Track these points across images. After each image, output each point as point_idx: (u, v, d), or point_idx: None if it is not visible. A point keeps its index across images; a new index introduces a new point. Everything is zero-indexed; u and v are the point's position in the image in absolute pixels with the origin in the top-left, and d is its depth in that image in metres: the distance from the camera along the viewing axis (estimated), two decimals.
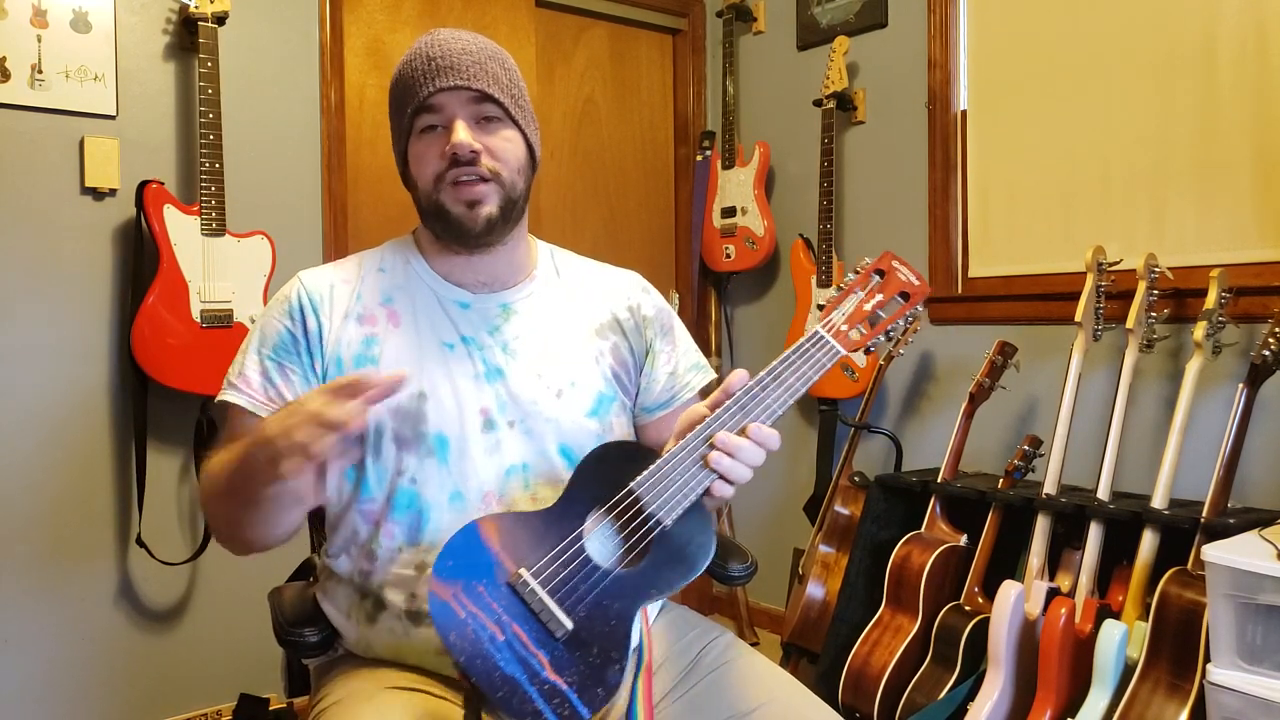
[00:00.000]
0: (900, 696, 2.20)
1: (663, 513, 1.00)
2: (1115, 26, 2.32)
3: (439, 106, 1.13)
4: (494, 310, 1.22)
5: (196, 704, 2.43)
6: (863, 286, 1.12)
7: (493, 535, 0.99)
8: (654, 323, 1.31)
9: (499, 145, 1.15)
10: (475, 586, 0.96)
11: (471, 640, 0.92)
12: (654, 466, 1.02)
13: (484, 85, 1.13)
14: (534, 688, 0.90)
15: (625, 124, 3.31)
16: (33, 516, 2.22)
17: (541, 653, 0.93)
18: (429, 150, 1.14)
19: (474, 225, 1.14)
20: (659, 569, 1.00)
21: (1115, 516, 2.03)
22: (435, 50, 1.14)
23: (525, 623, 0.95)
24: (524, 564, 0.98)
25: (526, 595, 0.96)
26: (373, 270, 1.23)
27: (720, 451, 1.01)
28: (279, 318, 1.18)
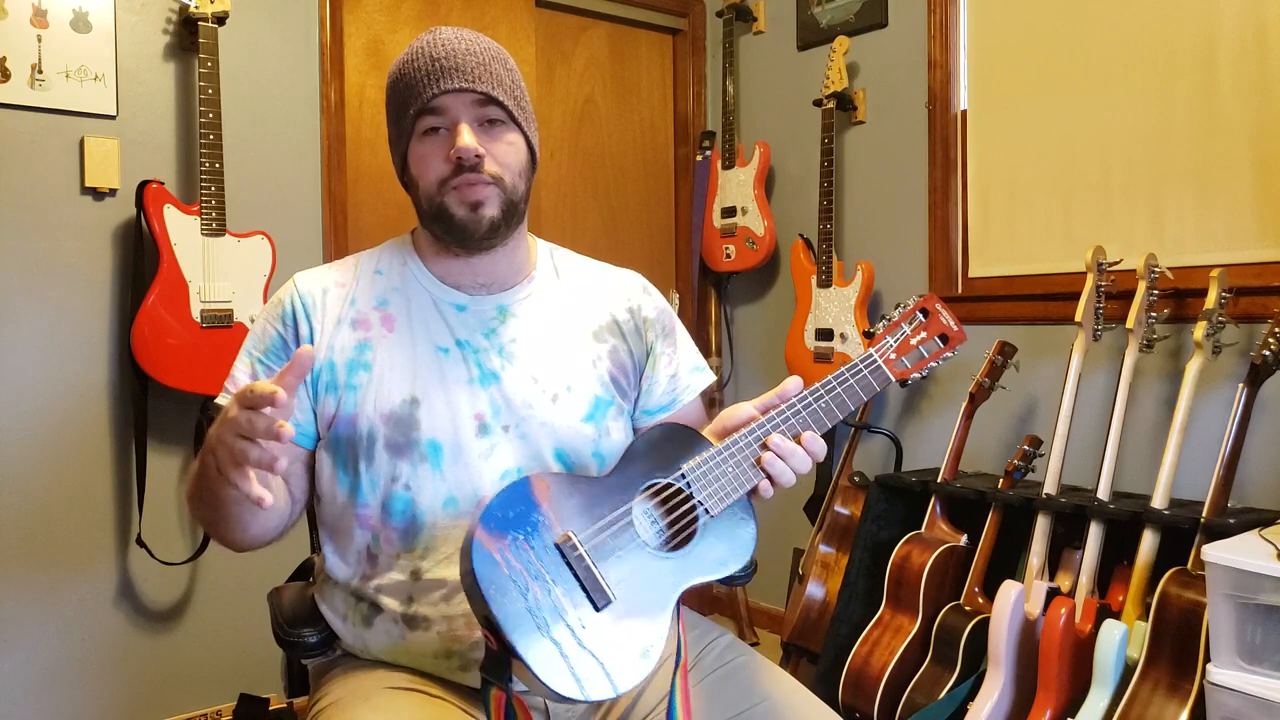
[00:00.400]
0: (900, 696, 2.20)
1: (710, 503, 1.03)
2: (1115, 27, 2.32)
3: (443, 109, 1.12)
4: (490, 313, 1.20)
5: (196, 704, 2.43)
6: (908, 322, 1.19)
7: (544, 493, 0.97)
8: (655, 324, 1.30)
9: (502, 149, 1.14)
10: (522, 542, 0.94)
11: (512, 597, 0.90)
12: (707, 455, 1.04)
13: (488, 88, 1.12)
14: (569, 657, 0.89)
15: (625, 124, 3.31)
16: (33, 516, 2.22)
17: (579, 619, 0.92)
18: (432, 153, 1.13)
19: (477, 228, 1.14)
20: (703, 556, 1.01)
21: (1115, 516, 2.03)
22: (439, 50, 1.12)
23: (567, 586, 0.93)
24: (573, 528, 0.97)
25: (573, 560, 0.95)
26: (369, 272, 1.22)
27: (774, 454, 1.05)
28: (272, 321, 1.18)
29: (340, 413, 1.14)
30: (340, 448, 1.15)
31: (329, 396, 1.15)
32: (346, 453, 1.14)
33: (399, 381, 1.14)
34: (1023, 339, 2.40)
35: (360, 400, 1.14)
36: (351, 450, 1.14)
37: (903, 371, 1.16)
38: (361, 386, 1.14)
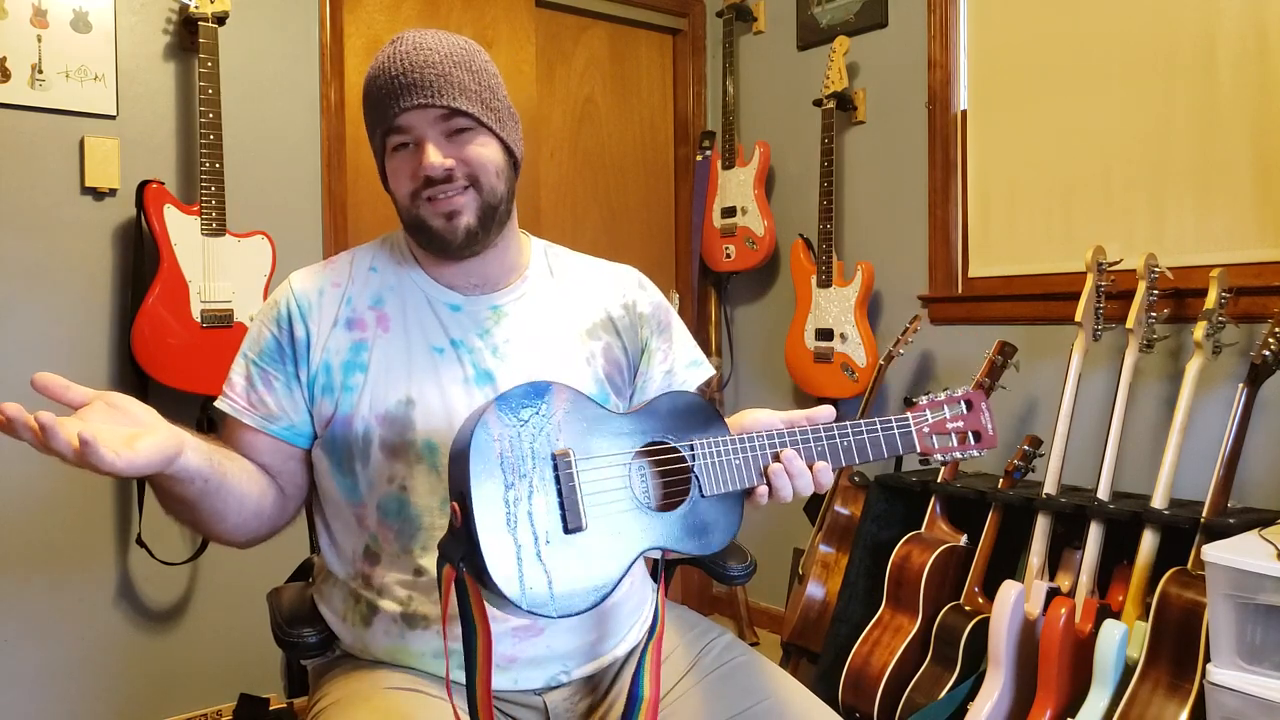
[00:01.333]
0: (900, 696, 2.20)
1: (706, 483, 1.03)
2: (1115, 27, 2.32)
3: (407, 127, 1.11)
4: (484, 312, 1.20)
5: (196, 704, 2.43)
6: (950, 406, 1.20)
7: (560, 402, 0.99)
8: (650, 320, 1.30)
9: (473, 154, 1.13)
10: (524, 431, 0.95)
11: (494, 483, 0.92)
12: (721, 440, 1.05)
13: (449, 99, 1.10)
14: (523, 560, 0.90)
15: (625, 124, 3.31)
16: (33, 516, 2.22)
17: (545, 532, 0.93)
18: (402, 168, 1.14)
19: (454, 237, 1.14)
20: (678, 527, 1.01)
21: (1115, 516, 2.03)
22: (397, 65, 1.10)
23: (547, 494, 0.95)
24: (576, 447, 0.98)
25: (563, 475, 0.96)
26: (364, 270, 1.22)
27: (783, 467, 1.05)
28: (267, 324, 1.18)
29: (336, 414, 1.14)
30: (337, 448, 1.15)
31: (325, 399, 1.15)
32: (343, 453, 1.14)
33: (394, 382, 1.14)
34: (1023, 339, 2.40)
35: (356, 401, 1.14)
36: (348, 451, 1.14)
37: (928, 448, 1.17)
38: (357, 388, 1.14)
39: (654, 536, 0.99)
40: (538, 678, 1.14)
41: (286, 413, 1.15)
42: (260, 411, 1.15)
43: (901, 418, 1.15)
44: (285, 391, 1.16)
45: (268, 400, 1.15)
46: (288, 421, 1.16)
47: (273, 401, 1.15)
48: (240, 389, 1.17)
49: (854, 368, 2.76)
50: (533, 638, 1.12)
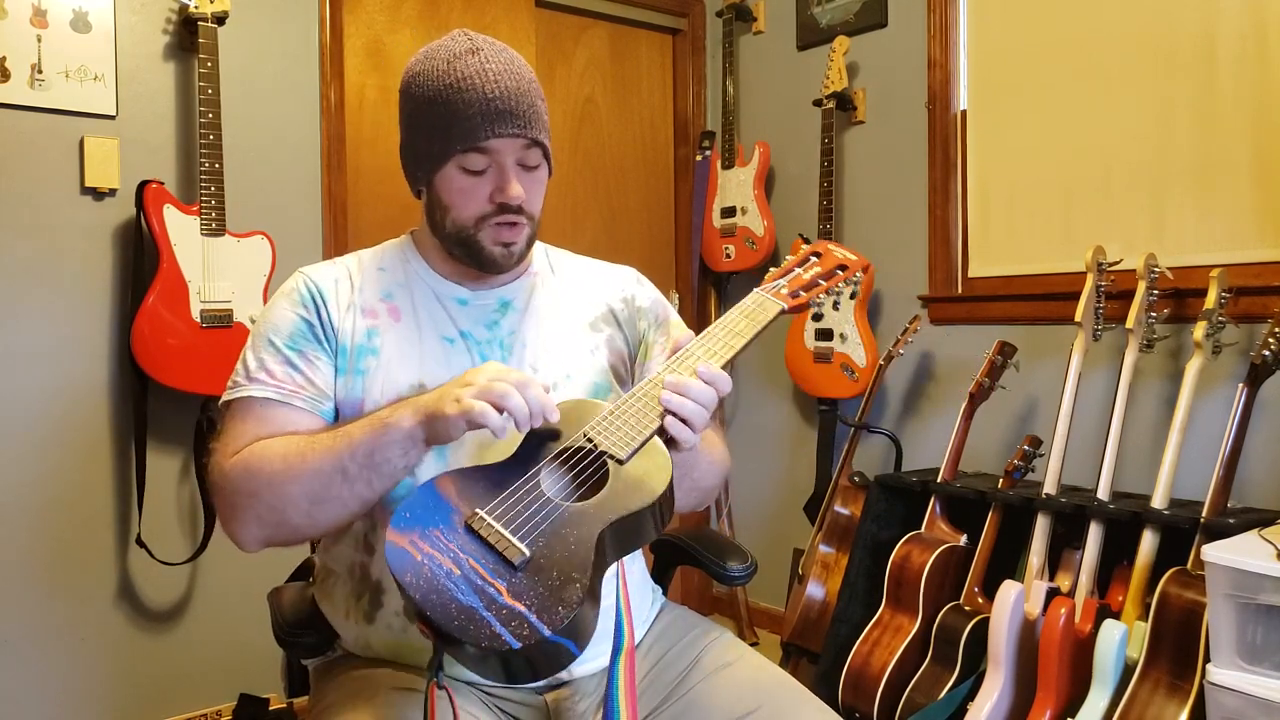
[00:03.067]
0: (900, 696, 2.20)
1: (616, 449, 1.01)
2: (1115, 26, 2.32)
3: (494, 150, 1.12)
4: (491, 305, 1.23)
5: (196, 704, 2.43)
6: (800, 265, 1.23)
7: (450, 488, 0.99)
8: (648, 314, 1.33)
9: (535, 190, 1.18)
10: (432, 532, 0.95)
11: (428, 578, 0.91)
12: (605, 413, 1.05)
13: (536, 133, 1.14)
14: (491, 613, 0.88)
15: (625, 124, 3.31)
16: (33, 516, 2.22)
17: (499, 581, 0.91)
18: (474, 189, 1.14)
19: (507, 264, 1.19)
20: (617, 497, 0.98)
21: (1115, 516, 2.03)
22: (491, 88, 1.11)
23: (482, 557, 0.93)
24: (480, 506, 0.98)
25: (483, 530, 0.95)
26: (372, 268, 1.24)
27: (669, 391, 1.04)
28: (291, 309, 1.18)
29: (347, 397, 1.15)
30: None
31: (340, 380, 1.16)
32: None
33: (406, 368, 1.16)
34: (1023, 339, 2.40)
35: (367, 385, 1.15)
36: None
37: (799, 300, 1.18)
38: (369, 371, 1.15)
39: (597, 517, 0.97)
40: None
41: (329, 393, 1.16)
42: (310, 392, 1.14)
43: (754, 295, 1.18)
44: (328, 370, 1.16)
45: (316, 381, 1.15)
46: (331, 402, 1.16)
47: (321, 381, 1.15)
48: (281, 375, 1.14)
49: (854, 368, 2.76)
50: None
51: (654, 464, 1.01)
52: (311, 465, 1.05)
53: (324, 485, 1.05)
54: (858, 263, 1.24)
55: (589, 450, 1.02)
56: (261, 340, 1.17)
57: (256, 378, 1.14)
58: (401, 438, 1.03)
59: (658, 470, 1.01)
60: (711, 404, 1.06)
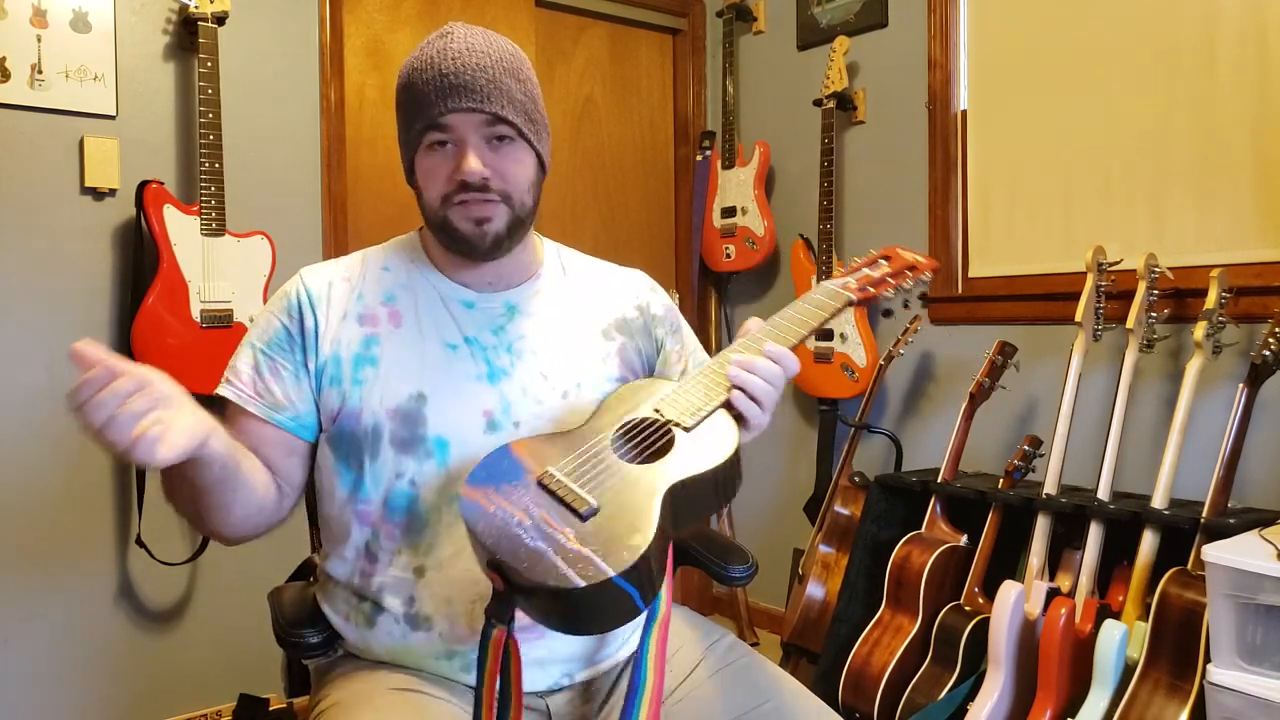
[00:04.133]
0: (900, 696, 2.20)
1: (683, 419, 1.04)
2: (1115, 27, 2.32)
3: (450, 126, 1.11)
4: (499, 310, 1.21)
5: (196, 704, 2.43)
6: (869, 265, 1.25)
7: (524, 450, 1.04)
8: (664, 322, 1.31)
9: (509, 168, 1.13)
10: (505, 487, 0.99)
11: (499, 526, 0.94)
12: (672, 387, 1.09)
13: (498, 108, 1.10)
14: (559, 556, 0.91)
15: (625, 124, 3.31)
16: (33, 516, 2.22)
17: (567, 529, 0.94)
18: (438, 168, 1.13)
19: (481, 243, 1.14)
20: (682, 460, 1.01)
21: (1115, 516, 2.03)
22: (448, 64, 1.10)
23: (552, 509, 0.97)
24: (551, 464, 1.01)
25: (553, 485, 0.98)
26: (376, 268, 1.22)
27: (737, 367, 1.06)
28: (277, 314, 1.18)
29: (345, 407, 1.14)
30: (343, 443, 1.14)
31: (333, 390, 1.14)
32: (350, 448, 1.14)
33: (406, 377, 1.14)
34: (1023, 339, 2.40)
35: (365, 395, 1.13)
36: (355, 445, 1.13)
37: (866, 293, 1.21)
38: (367, 381, 1.14)
39: (667, 475, 0.99)
40: (541, 679, 1.14)
41: (293, 403, 1.15)
42: (266, 400, 1.15)
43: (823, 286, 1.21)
44: (293, 381, 1.15)
45: (274, 389, 1.15)
46: (293, 412, 1.15)
47: (280, 391, 1.15)
48: (247, 377, 1.16)
49: (854, 368, 2.76)
50: (535, 639, 1.12)
51: (720, 433, 1.04)
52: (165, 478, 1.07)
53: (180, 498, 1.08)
54: (927, 264, 1.26)
55: (657, 421, 1.05)
56: (246, 340, 1.19)
57: (229, 377, 1.18)
58: None
59: (723, 438, 1.03)
60: (779, 382, 1.08)
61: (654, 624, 1.06)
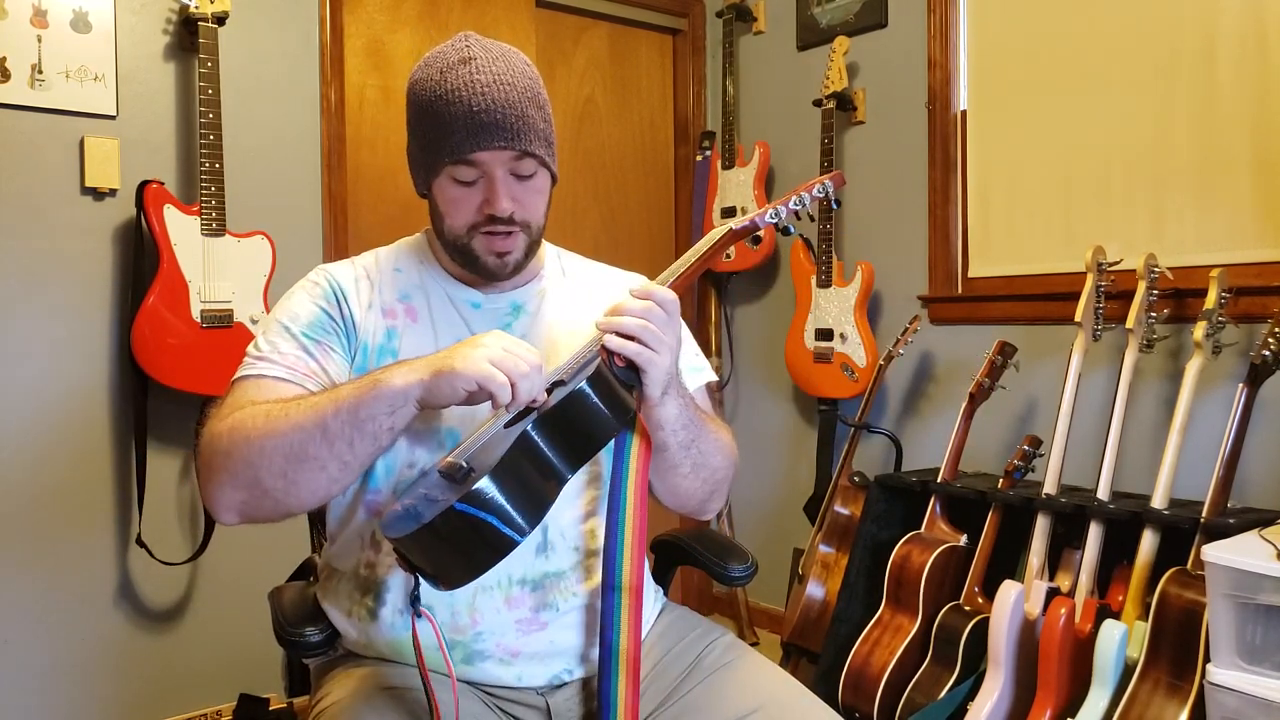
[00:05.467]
0: (900, 696, 2.20)
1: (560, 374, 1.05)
2: (1115, 27, 2.32)
3: (479, 163, 1.12)
4: (504, 309, 1.24)
5: (196, 704, 2.43)
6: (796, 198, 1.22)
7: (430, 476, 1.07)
8: None
9: (530, 199, 1.16)
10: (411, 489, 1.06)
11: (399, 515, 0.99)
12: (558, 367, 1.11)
13: (526, 144, 1.12)
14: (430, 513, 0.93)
15: (625, 124, 3.31)
16: (33, 516, 2.22)
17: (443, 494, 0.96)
18: (463, 200, 1.15)
19: (502, 273, 1.18)
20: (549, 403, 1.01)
21: (1115, 516, 2.03)
22: (478, 101, 1.10)
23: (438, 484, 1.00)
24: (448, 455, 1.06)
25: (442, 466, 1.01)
26: (389, 269, 1.25)
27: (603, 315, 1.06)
28: (313, 300, 1.19)
29: None
30: None
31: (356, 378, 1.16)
32: None
33: None
34: (1023, 339, 2.40)
35: None
36: None
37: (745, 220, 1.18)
38: None
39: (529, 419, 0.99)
40: (541, 674, 1.15)
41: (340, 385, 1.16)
42: (319, 380, 1.13)
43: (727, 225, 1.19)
44: (343, 363, 1.16)
45: (328, 369, 1.15)
46: None
47: (333, 371, 1.15)
48: (293, 359, 1.13)
49: (854, 368, 2.76)
50: (536, 631, 1.13)
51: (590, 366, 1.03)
52: (293, 420, 1.02)
53: (302, 442, 1.01)
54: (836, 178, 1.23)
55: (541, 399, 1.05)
56: (276, 326, 1.17)
57: (269, 357, 1.13)
58: (392, 394, 1.00)
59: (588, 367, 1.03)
60: (651, 315, 1.05)
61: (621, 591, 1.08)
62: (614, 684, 1.05)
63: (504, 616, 1.12)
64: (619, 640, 1.06)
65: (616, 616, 1.06)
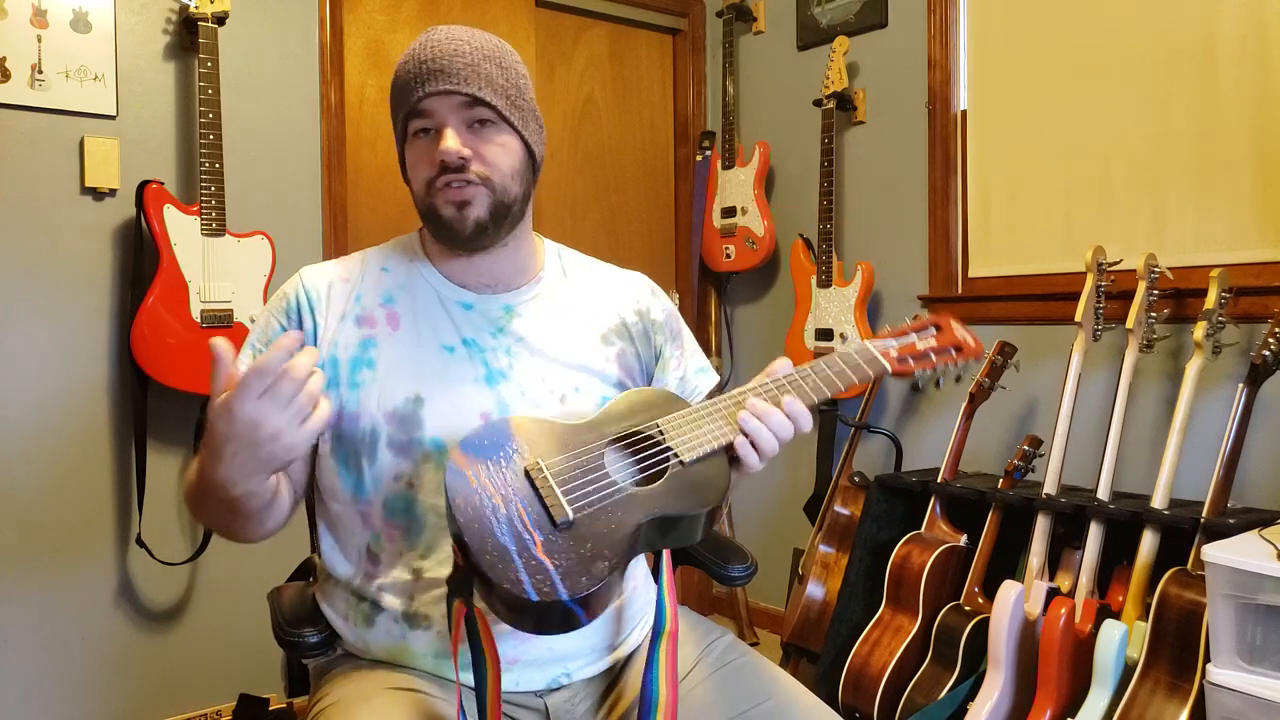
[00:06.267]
0: (900, 696, 2.20)
1: (683, 451, 1.04)
2: (1115, 26, 2.32)
3: (429, 111, 1.11)
4: (497, 312, 1.20)
5: (196, 704, 2.43)
6: (918, 332, 1.20)
7: (522, 432, 1.04)
8: (664, 327, 1.31)
9: (490, 151, 1.13)
10: (493, 465, 1.00)
11: (475, 506, 0.95)
12: (684, 411, 1.07)
13: (475, 89, 1.10)
14: (520, 559, 0.92)
15: (625, 124, 3.31)
16: (33, 516, 2.22)
17: (537, 533, 0.94)
18: (421, 156, 1.14)
19: (463, 228, 1.13)
20: (669, 494, 1.01)
21: (1115, 516, 2.03)
22: (427, 52, 1.11)
23: (529, 504, 0.97)
24: (543, 458, 1.01)
25: (538, 481, 0.99)
26: (375, 269, 1.22)
27: (749, 412, 1.06)
28: (276, 315, 1.19)
29: (343, 410, 1.14)
30: (343, 445, 1.15)
31: (331, 393, 1.14)
32: (349, 450, 1.14)
33: (403, 379, 1.14)
34: (1023, 339, 2.40)
35: (363, 398, 1.13)
36: (354, 448, 1.14)
37: (903, 368, 1.17)
38: (365, 384, 1.14)
39: (646, 507, 0.99)
40: (539, 679, 1.14)
41: None
42: None
43: (862, 348, 1.17)
44: None
45: None
46: None
47: None
48: None
49: None
50: (534, 638, 1.12)
51: (713, 474, 1.04)
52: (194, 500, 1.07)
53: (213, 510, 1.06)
54: (975, 348, 1.20)
55: (658, 441, 1.05)
56: (248, 343, 1.19)
57: None
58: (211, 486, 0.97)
59: (716, 481, 1.03)
60: (787, 439, 1.08)
61: (662, 637, 1.06)
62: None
63: (502, 625, 1.11)
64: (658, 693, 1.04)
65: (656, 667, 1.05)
